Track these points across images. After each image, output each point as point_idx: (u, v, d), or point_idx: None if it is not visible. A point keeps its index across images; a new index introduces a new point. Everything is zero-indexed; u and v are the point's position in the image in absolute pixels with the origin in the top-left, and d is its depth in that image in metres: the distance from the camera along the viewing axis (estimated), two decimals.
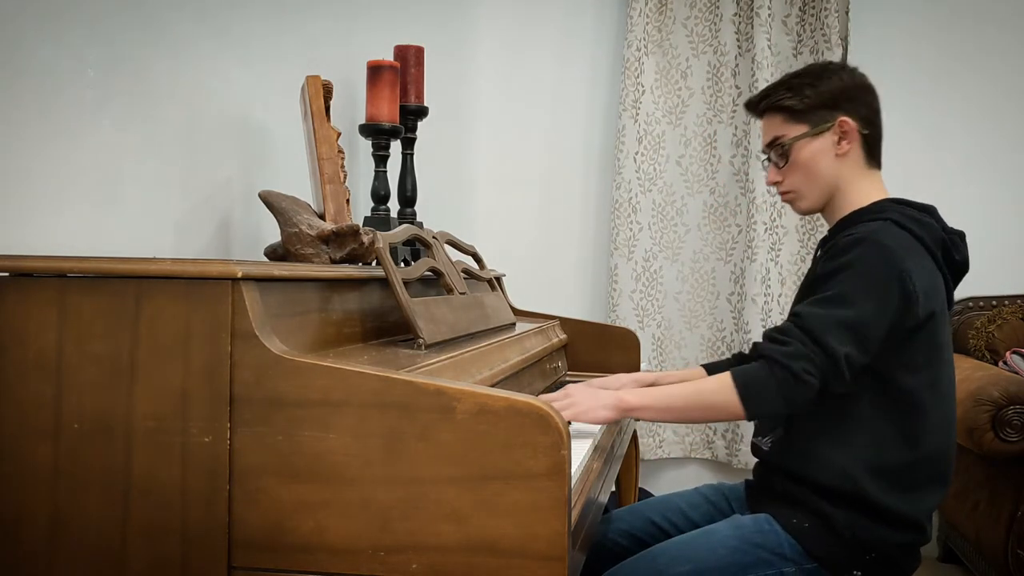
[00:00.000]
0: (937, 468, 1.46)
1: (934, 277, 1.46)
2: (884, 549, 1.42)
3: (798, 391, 1.35)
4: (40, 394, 0.99)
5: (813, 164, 1.54)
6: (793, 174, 1.56)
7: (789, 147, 1.55)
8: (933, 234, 1.49)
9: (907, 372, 1.42)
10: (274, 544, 0.97)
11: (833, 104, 1.53)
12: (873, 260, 1.39)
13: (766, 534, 1.44)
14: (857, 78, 1.56)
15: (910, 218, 1.48)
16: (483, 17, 3.27)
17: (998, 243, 3.12)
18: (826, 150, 1.53)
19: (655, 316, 3.21)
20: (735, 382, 1.37)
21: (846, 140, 1.53)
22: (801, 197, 1.58)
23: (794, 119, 1.55)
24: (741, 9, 3.18)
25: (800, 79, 1.56)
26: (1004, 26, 3.14)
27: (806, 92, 1.54)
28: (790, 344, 1.36)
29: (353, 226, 1.42)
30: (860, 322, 1.36)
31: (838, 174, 1.54)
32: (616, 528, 1.68)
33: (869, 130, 1.54)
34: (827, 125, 1.53)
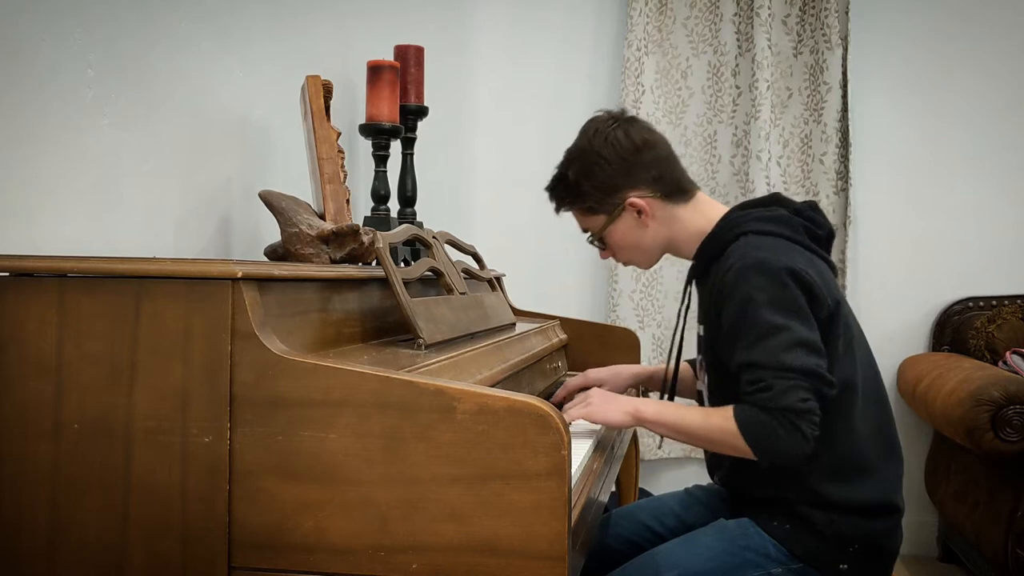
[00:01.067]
0: (884, 441, 1.48)
1: (816, 265, 1.45)
2: (866, 539, 1.44)
3: (806, 426, 1.31)
4: (40, 394, 0.99)
5: (629, 241, 1.58)
6: (618, 252, 1.62)
7: (600, 236, 1.59)
8: (790, 224, 1.48)
9: (834, 368, 1.40)
10: (274, 544, 0.97)
11: (614, 188, 1.54)
12: (763, 279, 1.37)
13: (750, 536, 1.46)
14: (624, 146, 1.53)
15: (763, 220, 1.48)
16: (483, 17, 3.27)
17: (998, 243, 3.12)
18: (632, 227, 1.56)
19: (655, 316, 3.21)
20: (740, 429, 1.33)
21: (643, 213, 1.54)
22: (639, 262, 1.64)
23: (589, 213, 1.58)
24: (741, 9, 3.18)
25: (574, 172, 1.56)
26: (1004, 26, 3.13)
27: (584, 188, 1.56)
28: (772, 386, 1.32)
29: (353, 226, 1.42)
30: (802, 335, 1.34)
31: (658, 234, 1.57)
32: (612, 533, 1.68)
33: (660, 188, 1.54)
34: (619, 209, 1.55)
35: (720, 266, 1.46)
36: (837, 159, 3.10)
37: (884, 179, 3.14)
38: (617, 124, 1.56)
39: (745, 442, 1.33)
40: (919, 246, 3.13)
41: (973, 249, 3.12)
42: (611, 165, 1.54)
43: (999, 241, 3.12)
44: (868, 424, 1.45)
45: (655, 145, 1.56)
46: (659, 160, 1.56)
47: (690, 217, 1.56)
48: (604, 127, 1.56)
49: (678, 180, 1.57)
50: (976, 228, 3.13)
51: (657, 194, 1.54)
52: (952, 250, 3.12)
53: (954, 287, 3.12)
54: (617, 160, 1.54)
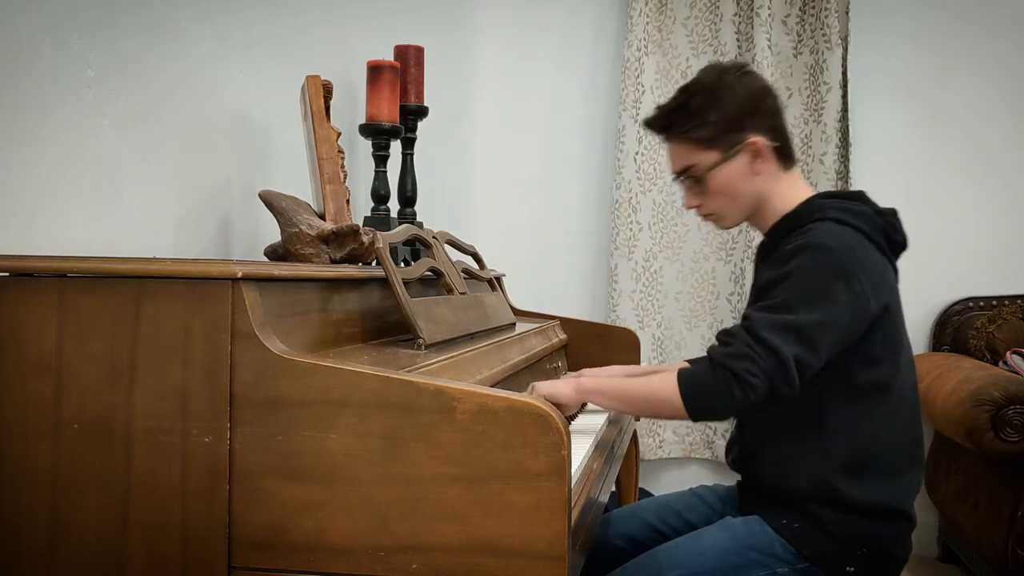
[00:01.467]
0: (910, 451, 1.48)
1: (882, 267, 1.45)
2: (875, 542, 1.43)
3: (740, 392, 1.32)
4: (40, 394, 0.99)
5: (731, 187, 1.51)
6: (712, 198, 1.54)
7: (702, 175, 1.52)
8: (871, 222, 1.47)
9: (868, 367, 1.42)
10: (274, 544, 0.97)
11: (739, 125, 1.49)
12: (817, 264, 1.37)
13: (757, 535, 1.45)
14: (756, 84, 1.52)
15: (846, 211, 1.46)
16: (483, 17, 3.27)
17: (998, 243, 3.12)
18: (742, 172, 1.51)
19: (655, 316, 3.21)
20: (679, 381, 1.36)
21: (760, 159, 1.50)
22: (723, 217, 1.57)
23: (703, 146, 1.50)
24: (741, 9, 3.18)
25: (701, 98, 1.50)
26: (1003, 26, 3.13)
27: (710, 117, 1.49)
28: (733, 344, 1.35)
29: (353, 226, 1.42)
30: (806, 326, 1.34)
31: (758, 189, 1.52)
32: (614, 531, 1.68)
33: (779, 139, 1.51)
34: (737, 148, 1.49)
35: (790, 241, 1.45)
36: (837, 159, 3.10)
37: (884, 179, 3.14)
38: (748, 70, 1.54)
39: (679, 394, 1.35)
40: (919, 246, 3.09)
41: (973, 249, 3.12)
42: (741, 101, 1.49)
43: (999, 241, 3.12)
44: (896, 429, 1.45)
45: (777, 97, 1.54)
46: (780, 112, 1.54)
47: (786, 185, 1.53)
48: (732, 69, 1.53)
49: (789, 142, 1.55)
50: (976, 228, 3.13)
51: (776, 144, 1.51)
52: (952, 250, 3.12)
53: (954, 287, 3.12)
54: (747, 96, 1.49)
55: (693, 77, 1.56)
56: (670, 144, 1.56)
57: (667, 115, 1.54)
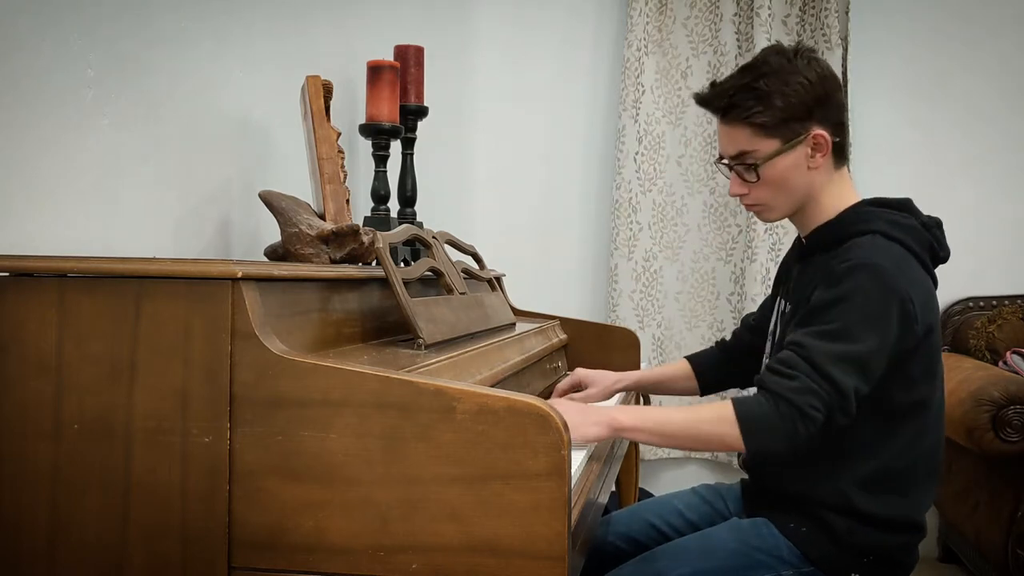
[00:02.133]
0: (930, 468, 1.46)
1: (927, 286, 1.43)
2: (882, 551, 1.43)
3: (803, 428, 1.28)
4: (40, 394, 0.99)
5: (785, 179, 1.44)
6: (762, 188, 1.46)
7: (759, 164, 1.44)
8: (919, 238, 1.45)
9: (906, 389, 1.39)
10: (274, 544, 0.97)
11: (806, 115, 1.41)
12: (873, 289, 1.33)
13: (764, 537, 1.44)
14: (822, 71, 1.43)
15: (895, 224, 1.43)
16: (483, 17, 3.27)
17: (998, 243, 3.12)
18: (799, 164, 1.43)
19: (655, 316, 3.21)
20: (737, 415, 1.29)
21: (820, 153, 1.43)
22: (770, 209, 1.49)
23: (764, 134, 1.42)
24: (741, 9, 3.18)
25: (769, 83, 1.41)
26: (1003, 26, 3.13)
27: (776, 103, 1.40)
28: (797, 378, 1.29)
29: (353, 226, 1.42)
30: (865, 355, 1.31)
31: (810, 184, 1.45)
32: (614, 531, 1.68)
33: (840, 136, 1.45)
34: (799, 139, 1.42)
35: (838, 255, 1.39)
36: None
37: (884, 179, 3.13)
38: (814, 55, 1.44)
39: (739, 430, 1.28)
40: None
41: (973, 249, 3.12)
42: (812, 89, 1.40)
43: (999, 241, 3.12)
44: (924, 446, 1.43)
45: (839, 85, 1.46)
46: (843, 106, 1.46)
47: (836, 186, 1.46)
48: (804, 52, 1.43)
49: (847, 140, 1.48)
50: (976, 228, 3.13)
51: (837, 139, 1.44)
52: (952, 250, 3.11)
53: (954, 287, 3.12)
54: (819, 85, 1.41)
55: (757, 56, 1.46)
56: (726, 126, 1.46)
57: (730, 95, 1.43)
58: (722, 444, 1.32)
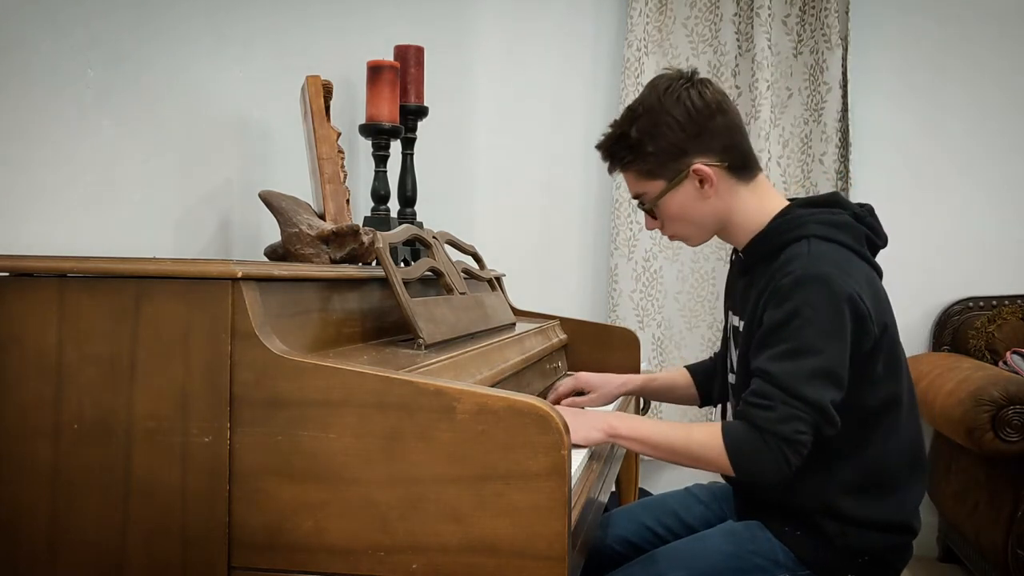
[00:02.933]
0: (912, 463, 1.45)
1: (873, 282, 1.41)
2: (876, 552, 1.43)
3: (792, 455, 1.29)
4: (40, 394, 0.99)
5: (684, 213, 1.46)
6: (670, 223, 1.49)
7: (653, 204, 1.47)
8: (854, 232, 1.42)
9: (870, 388, 1.39)
10: (274, 544, 0.97)
11: (680, 153, 1.42)
12: (821, 298, 1.31)
13: (759, 541, 1.45)
14: (696, 103, 1.42)
15: (828, 224, 1.41)
16: (483, 17, 3.27)
17: (998, 243, 3.11)
18: (692, 197, 1.44)
19: (655, 316, 3.21)
20: (726, 446, 1.30)
21: (708, 183, 1.43)
22: (688, 238, 1.53)
23: (646, 177, 1.45)
24: (741, 9, 3.18)
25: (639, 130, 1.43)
26: (1003, 26, 3.13)
27: (648, 149, 1.42)
28: (775, 408, 1.29)
29: (353, 226, 1.42)
30: (831, 365, 1.31)
31: (716, 210, 1.46)
32: (612, 534, 1.68)
33: (728, 158, 1.44)
34: (682, 175, 1.43)
35: (777, 266, 1.39)
36: (837, 159, 3.10)
37: (884, 179, 3.14)
38: (691, 84, 1.43)
39: (728, 459, 1.30)
40: (919, 246, 3.12)
41: (973, 249, 3.12)
42: (681, 127, 1.41)
43: (999, 241, 3.12)
44: (901, 443, 1.43)
45: (728, 111, 1.46)
46: (731, 128, 1.46)
47: (750, 199, 1.46)
48: (676, 85, 1.43)
49: (746, 154, 1.47)
50: (976, 228, 3.13)
51: (724, 164, 1.43)
52: (952, 250, 3.12)
53: (954, 287, 3.12)
54: (688, 122, 1.41)
55: (640, 93, 1.48)
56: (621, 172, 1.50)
57: (608, 148, 1.49)
58: (713, 466, 1.34)
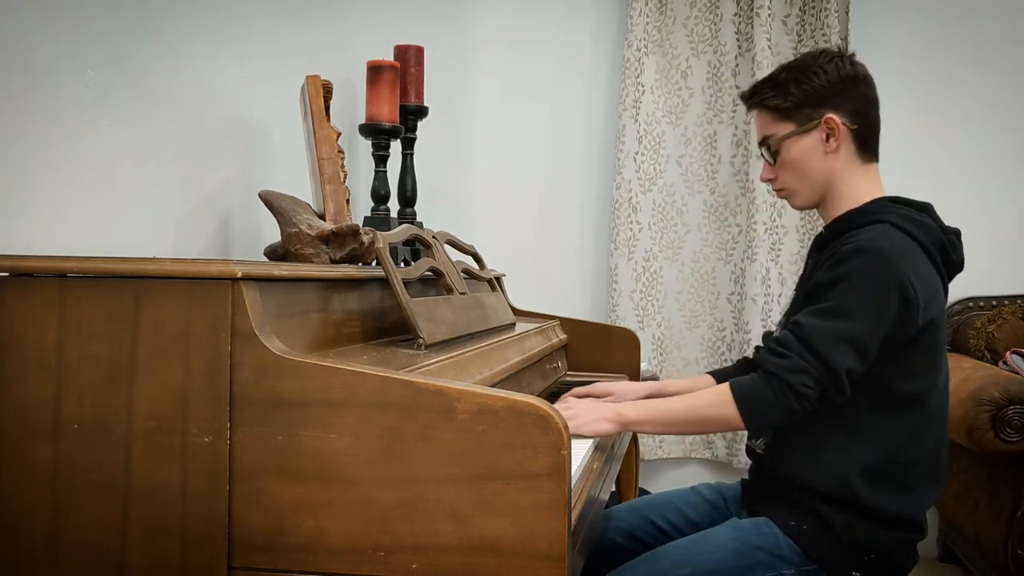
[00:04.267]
0: (932, 467, 1.48)
1: (933, 281, 1.46)
2: (883, 550, 1.43)
3: (797, 404, 1.35)
4: (40, 394, 0.99)
5: (802, 162, 1.52)
6: (784, 172, 1.55)
7: (778, 146, 1.54)
8: (932, 236, 1.48)
9: (905, 378, 1.42)
10: (274, 544, 0.97)
11: (819, 101, 1.50)
12: (873, 270, 1.37)
13: (765, 536, 1.45)
14: (847, 69, 1.51)
15: (909, 219, 1.47)
16: (483, 17, 3.27)
17: (998, 243, 3.11)
18: (815, 148, 1.51)
19: (655, 316, 3.21)
20: (734, 396, 1.37)
21: (834, 137, 1.50)
22: (794, 194, 1.57)
23: (781, 117, 1.53)
24: (741, 9, 3.18)
25: (788, 73, 1.53)
26: (1004, 26, 3.13)
27: (791, 90, 1.51)
28: (790, 357, 1.36)
29: (353, 226, 1.42)
30: (860, 335, 1.35)
31: (830, 171, 1.52)
32: (615, 527, 1.68)
33: (859, 124, 1.51)
34: (813, 123, 1.50)
35: (846, 239, 1.45)
36: None
37: (884, 179, 3.13)
38: (845, 57, 1.53)
39: (737, 408, 1.36)
40: None
41: (973, 249, 3.10)
42: (828, 79, 1.49)
43: (999, 241, 3.12)
44: (923, 444, 1.45)
45: (872, 87, 1.54)
46: (870, 102, 1.53)
47: (860, 177, 1.53)
48: (833, 53, 1.54)
49: (874, 132, 1.54)
50: (976, 228, 3.11)
51: (854, 127, 1.50)
52: None
53: (954, 287, 3.10)
54: (835, 78, 1.50)
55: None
56: (754, 114, 1.59)
57: (757, 84, 1.58)
58: (725, 424, 1.40)
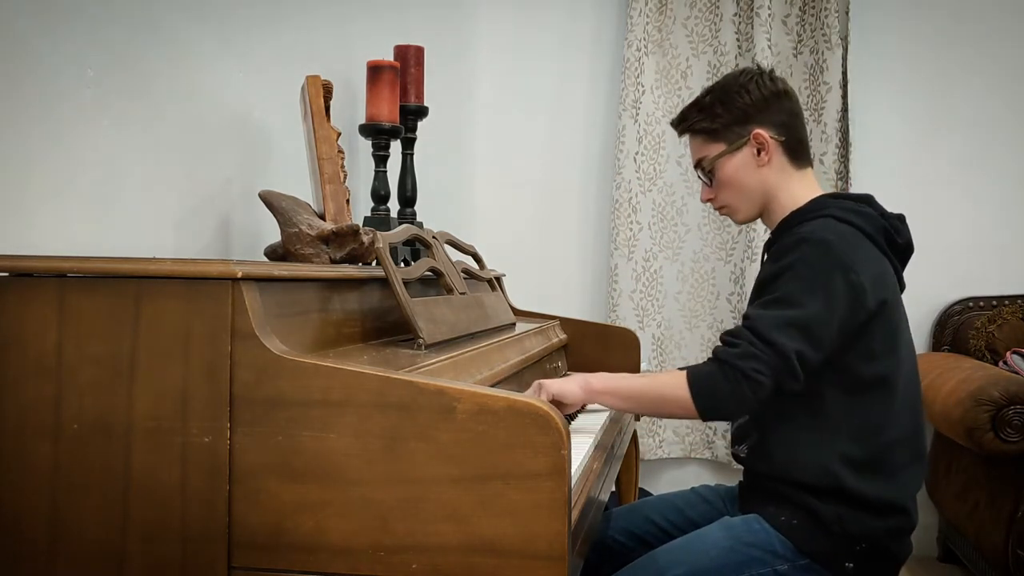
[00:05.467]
0: (911, 447, 1.49)
1: (881, 264, 1.48)
2: (873, 538, 1.44)
3: (749, 391, 1.37)
4: (40, 394, 0.99)
5: (738, 179, 1.58)
6: (722, 190, 1.60)
7: (711, 166, 1.59)
8: (873, 222, 1.51)
9: (866, 362, 1.44)
10: (274, 544, 0.97)
11: (745, 119, 1.56)
12: (816, 257, 1.41)
13: (756, 533, 1.46)
14: (769, 86, 1.58)
15: (848, 210, 1.50)
16: (483, 17, 3.27)
17: (998, 243, 3.11)
18: (747, 163, 1.57)
19: (655, 316, 3.21)
20: (688, 380, 1.41)
21: (764, 151, 1.55)
22: (735, 210, 1.62)
23: (711, 139, 1.59)
24: (741, 9, 3.18)
25: (712, 96, 1.59)
26: (1003, 26, 3.13)
27: (718, 111, 1.57)
28: (739, 345, 1.39)
29: (353, 226, 1.42)
30: (809, 320, 1.39)
31: (765, 183, 1.57)
32: (616, 526, 1.69)
33: (786, 136, 1.56)
34: (743, 140, 1.56)
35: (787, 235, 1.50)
36: (837, 159, 3.10)
37: (884, 179, 3.13)
38: (765, 74, 1.60)
39: (688, 391, 1.40)
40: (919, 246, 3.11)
41: (973, 249, 3.12)
42: (750, 96, 1.56)
43: (999, 241, 3.12)
44: (897, 425, 1.47)
45: (793, 100, 1.60)
46: (793, 113, 1.59)
47: (796, 184, 1.58)
48: (752, 71, 1.61)
49: (802, 141, 1.60)
50: (976, 228, 3.13)
51: (782, 139, 1.56)
52: (952, 250, 3.12)
53: (954, 287, 3.12)
54: (758, 96, 1.56)
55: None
56: (688, 139, 1.65)
57: (682, 114, 1.64)
58: (678, 407, 1.44)
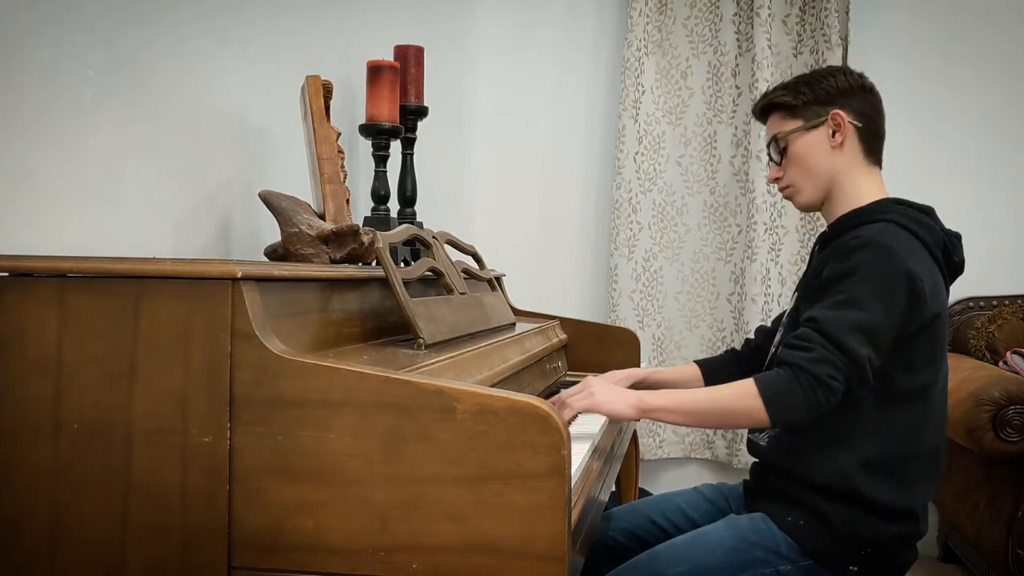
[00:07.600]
0: (931, 462, 1.49)
1: (936, 278, 1.48)
2: (880, 543, 1.43)
3: (824, 397, 1.35)
4: (40, 394, 0.99)
5: (808, 157, 1.56)
6: (790, 168, 1.59)
7: (785, 141, 1.58)
8: (934, 236, 1.50)
9: (906, 372, 1.44)
10: (274, 544, 0.97)
11: (827, 100, 1.55)
12: (880, 263, 1.40)
13: (762, 533, 1.45)
14: (855, 79, 1.58)
15: (911, 219, 1.49)
16: (483, 17, 3.27)
17: (998, 243, 3.11)
18: (821, 143, 1.55)
19: (655, 316, 3.21)
20: (760, 389, 1.36)
21: (840, 133, 1.54)
22: (799, 191, 1.60)
23: (790, 115, 1.58)
24: (741, 9, 3.18)
25: (800, 78, 1.61)
26: (1003, 26, 3.13)
27: (801, 89, 1.57)
28: (813, 350, 1.36)
29: (353, 226, 1.42)
30: (874, 324, 1.37)
31: (834, 167, 1.56)
32: (616, 526, 1.68)
33: (864, 123, 1.55)
34: (820, 119, 1.55)
35: (851, 235, 1.48)
36: None
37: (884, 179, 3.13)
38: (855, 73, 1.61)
39: (763, 402, 1.35)
40: None
41: (973, 249, 3.09)
42: (837, 83, 1.56)
43: (999, 241, 3.12)
44: (923, 438, 1.47)
45: (878, 98, 1.60)
46: (876, 108, 1.59)
47: (864, 178, 1.57)
48: (845, 69, 1.62)
49: (879, 136, 1.60)
50: (976, 228, 3.12)
51: (859, 125, 1.55)
52: None
53: (954, 287, 3.10)
54: (843, 83, 1.56)
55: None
56: (766, 121, 1.64)
57: (767, 93, 1.64)
58: (747, 419, 1.40)
